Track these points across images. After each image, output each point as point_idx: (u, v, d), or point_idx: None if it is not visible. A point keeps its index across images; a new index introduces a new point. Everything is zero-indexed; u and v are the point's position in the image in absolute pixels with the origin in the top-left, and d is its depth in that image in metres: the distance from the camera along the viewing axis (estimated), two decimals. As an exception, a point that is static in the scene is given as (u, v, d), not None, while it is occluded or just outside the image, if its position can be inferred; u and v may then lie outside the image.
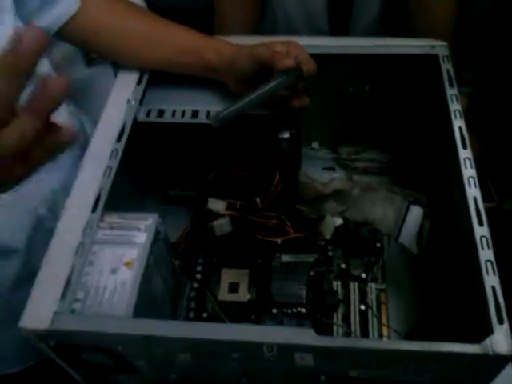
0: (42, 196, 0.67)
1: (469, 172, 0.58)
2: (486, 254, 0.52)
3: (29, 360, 0.80)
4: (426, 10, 0.81)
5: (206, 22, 0.72)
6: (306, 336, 0.48)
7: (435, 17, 0.81)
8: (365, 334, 0.66)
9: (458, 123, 0.62)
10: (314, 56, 0.65)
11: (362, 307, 0.68)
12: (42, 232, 0.69)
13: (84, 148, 0.72)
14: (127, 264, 0.55)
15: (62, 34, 0.68)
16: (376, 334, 0.65)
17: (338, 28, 0.87)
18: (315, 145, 0.85)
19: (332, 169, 0.84)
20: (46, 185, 0.67)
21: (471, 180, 0.57)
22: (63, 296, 0.52)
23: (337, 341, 0.50)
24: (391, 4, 0.86)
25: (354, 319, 0.67)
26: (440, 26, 0.80)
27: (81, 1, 0.67)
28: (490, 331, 0.48)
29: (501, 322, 0.48)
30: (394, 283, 0.71)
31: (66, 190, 0.67)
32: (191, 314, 0.69)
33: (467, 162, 0.59)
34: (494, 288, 0.50)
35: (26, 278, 0.65)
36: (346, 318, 0.67)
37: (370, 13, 0.87)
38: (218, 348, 0.50)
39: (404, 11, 0.84)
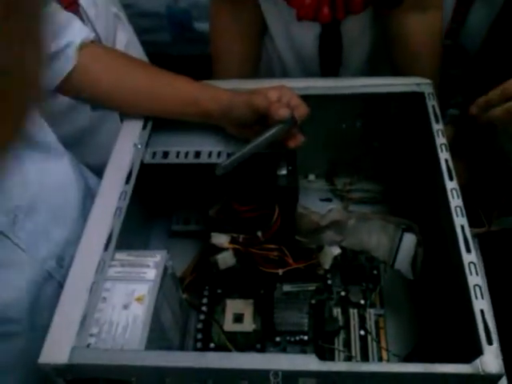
0: (49, 250, 0.68)
1: (456, 202, 0.62)
2: (474, 280, 0.56)
3: None
4: (410, 52, 0.85)
5: (199, 68, 0.77)
6: (309, 362, 0.51)
7: (419, 57, 0.84)
8: (365, 358, 0.68)
9: (445, 156, 0.66)
10: (308, 97, 0.70)
11: (362, 332, 0.71)
12: (50, 286, 0.68)
13: (86, 198, 0.75)
14: (138, 299, 0.58)
15: (61, 90, 0.71)
16: (376, 358, 0.68)
17: (329, 73, 0.92)
18: (312, 177, 0.89)
19: (329, 199, 0.88)
20: (52, 239, 0.68)
21: (458, 209, 0.61)
22: (79, 332, 0.55)
23: (338, 366, 0.53)
24: (378, 49, 0.90)
25: (355, 344, 0.70)
26: (425, 66, 0.84)
27: (76, 58, 0.70)
28: (480, 352, 0.51)
29: (490, 342, 0.51)
30: (392, 308, 0.74)
31: (70, 243, 0.69)
32: (198, 345, 0.71)
33: (454, 192, 0.63)
34: (482, 311, 0.53)
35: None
36: (347, 344, 0.70)
37: (358, 58, 0.91)
38: (227, 376, 0.53)
39: (390, 53, 0.89)
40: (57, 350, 0.54)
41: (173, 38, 1.34)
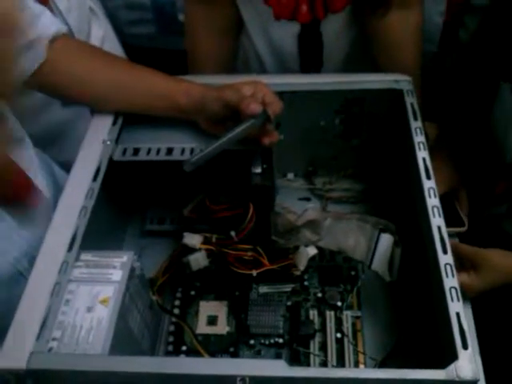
0: (20, 250, 0.66)
1: (433, 202, 0.60)
2: (450, 282, 0.54)
3: None
4: (393, 49, 0.83)
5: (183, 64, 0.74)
6: (277, 367, 0.49)
7: (399, 54, 0.83)
8: (341, 361, 0.67)
9: (422, 154, 0.65)
10: (285, 93, 0.68)
11: (339, 335, 0.69)
12: (22, 287, 0.64)
13: (56, 196, 0.71)
14: (103, 302, 0.56)
15: (31, 84, 0.68)
16: (352, 362, 0.66)
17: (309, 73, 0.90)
18: (290, 176, 0.87)
19: (307, 199, 0.86)
20: (24, 239, 0.66)
21: (435, 209, 0.60)
22: (40, 336, 0.53)
23: (308, 371, 0.51)
24: (359, 48, 0.88)
25: (331, 348, 0.68)
26: (405, 64, 0.82)
27: (47, 52, 0.67)
28: (455, 356, 0.49)
29: (465, 347, 0.50)
30: (369, 310, 0.72)
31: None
32: (170, 348, 0.69)
33: (431, 191, 0.61)
34: (458, 314, 0.52)
35: None
36: (323, 347, 0.68)
37: (339, 58, 0.89)
38: (193, 382, 0.51)
39: (372, 52, 0.86)
40: (15, 354, 0.51)
41: (158, 29, 1.32)
